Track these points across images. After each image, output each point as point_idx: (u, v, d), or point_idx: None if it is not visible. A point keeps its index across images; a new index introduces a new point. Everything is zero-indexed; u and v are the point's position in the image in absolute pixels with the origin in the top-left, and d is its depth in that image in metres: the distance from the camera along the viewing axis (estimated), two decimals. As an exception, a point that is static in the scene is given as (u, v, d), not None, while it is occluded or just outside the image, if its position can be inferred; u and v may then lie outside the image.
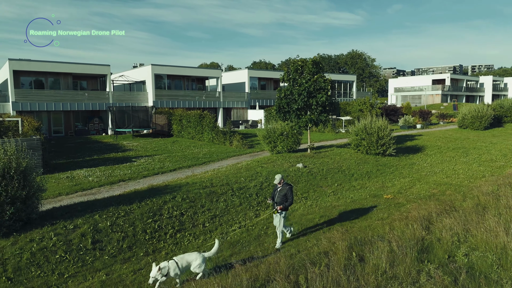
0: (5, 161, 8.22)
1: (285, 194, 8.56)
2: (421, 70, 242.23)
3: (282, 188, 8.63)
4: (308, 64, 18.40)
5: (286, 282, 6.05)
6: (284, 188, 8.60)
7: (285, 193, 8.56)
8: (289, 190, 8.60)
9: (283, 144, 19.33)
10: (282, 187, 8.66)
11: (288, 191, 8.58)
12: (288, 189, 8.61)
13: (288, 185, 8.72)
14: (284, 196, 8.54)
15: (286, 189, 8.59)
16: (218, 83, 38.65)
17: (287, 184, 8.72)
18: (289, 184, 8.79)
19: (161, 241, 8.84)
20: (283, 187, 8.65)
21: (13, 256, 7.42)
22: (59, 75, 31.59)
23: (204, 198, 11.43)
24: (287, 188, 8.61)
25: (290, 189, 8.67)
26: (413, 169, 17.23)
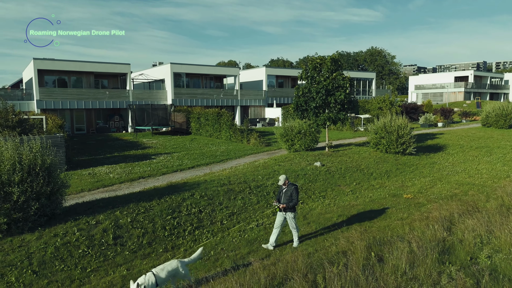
0: (31, 158, 8.50)
1: (290, 194, 8.34)
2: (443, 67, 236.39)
3: (287, 189, 8.43)
4: (326, 62, 18.25)
5: (304, 281, 6.05)
6: (290, 189, 8.40)
7: (290, 193, 8.35)
8: (294, 190, 8.39)
9: (301, 142, 19.26)
10: (287, 188, 8.46)
11: (294, 192, 8.37)
12: (294, 189, 8.40)
13: (293, 185, 8.52)
14: (290, 197, 8.33)
15: (291, 189, 8.39)
16: (236, 81, 38.77)
17: (292, 184, 8.53)
18: (294, 184, 8.60)
19: (180, 238, 8.97)
20: (288, 188, 8.44)
21: (38, 250, 7.68)
22: (81, 74, 32.35)
23: (222, 195, 11.52)
24: (293, 189, 8.40)
25: (296, 189, 8.45)
26: (434, 168, 16.88)
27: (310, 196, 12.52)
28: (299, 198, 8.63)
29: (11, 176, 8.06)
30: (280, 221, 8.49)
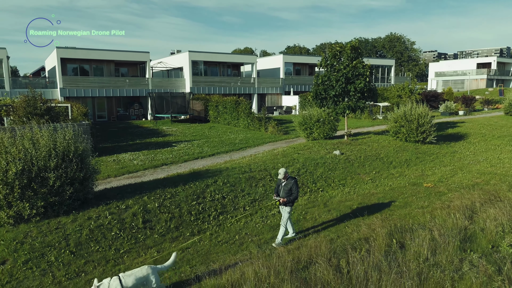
0: (65, 145, 8.93)
1: (290, 188, 8.08)
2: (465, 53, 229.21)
3: (287, 183, 8.16)
4: (346, 49, 18.14)
5: (328, 265, 6.29)
6: (289, 182, 8.14)
7: (290, 187, 8.09)
8: (294, 184, 8.13)
9: (320, 130, 19.33)
10: (287, 181, 8.19)
11: (293, 185, 8.11)
12: (293, 183, 8.14)
13: (293, 178, 8.29)
14: (289, 190, 8.07)
15: (291, 183, 8.13)
16: (253, 69, 38.77)
17: (292, 178, 8.28)
18: (294, 177, 8.37)
19: (205, 223, 9.32)
20: (288, 182, 8.18)
21: (74, 232, 8.14)
22: (102, 62, 32.93)
23: (244, 182, 11.81)
24: (292, 182, 8.14)
25: (295, 182, 8.20)
26: (454, 157, 16.76)
27: (329, 184, 12.69)
28: (299, 192, 8.35)
29: (47, 162, 8.51)
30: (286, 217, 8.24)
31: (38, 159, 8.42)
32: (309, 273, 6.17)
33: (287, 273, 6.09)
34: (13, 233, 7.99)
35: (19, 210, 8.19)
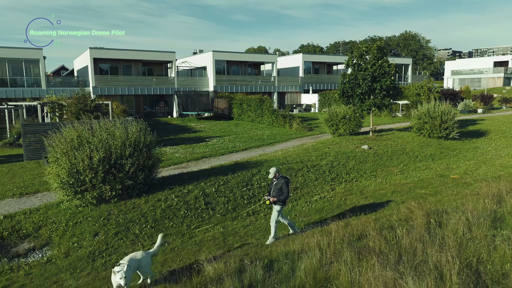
0: (136, 136, 10.18)
1: (280, 187, 8.11)
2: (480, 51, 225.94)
3: (277, 182, 8.19)
4: (373, 49, 19.10)
5: (379, 236, 7.38)
6: (280, 182, 8.16)
7: (280, 186, 8.11)
8: (284, 184, 8.13)
9: (345, 127, 20.34)
10: (277, 180, 8.21)
11: (284, 185, 8.11)
12: (284, 183, 8.14)
13: (284, 178, 8.28)
14: (280, 189, 8.10)
15: (281, 182, 8.14)
16: (274, 68, 39.84)
17: (283, 177, 8.27)
18: (285, 177, 8.35)
19: (248, 209, 10.48)
20: (278, 181, 8.19)
21: (149, 211, 9.39)
22: (130, 61, 34.42)
23: (284, 172, 12.93)
24: (283, 182, 8.15)
25: (286, 182, 8.19)
26: (477, 152, 17.60)
27: (362, 175, 13.73)
28: (289, 192, 8.36)
29: (123, 151, 9.76)
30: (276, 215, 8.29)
31: (116, 148, 9.68)
32: (363, 243, 7.26)
33: (345, 243, 7.19)
34: (97, 211, 9.27)
35: (101, 192, 9.46)
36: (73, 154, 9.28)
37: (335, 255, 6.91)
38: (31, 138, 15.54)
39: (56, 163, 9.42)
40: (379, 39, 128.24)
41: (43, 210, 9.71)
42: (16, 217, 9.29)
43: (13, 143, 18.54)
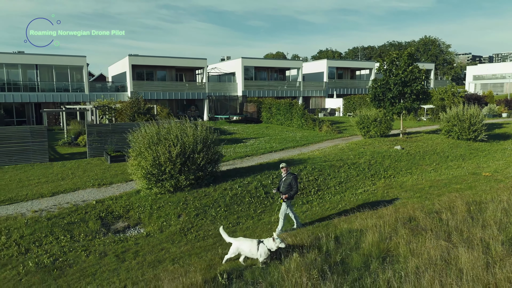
0: (204, 134, 11.67)
1: (289, 183, 8.63)
2: (501, 56, 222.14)
3: (286, 177, 8.70)
4: (404, 56, 20.25)
5: (429, 218, 8.60)
6: (289, 178, 8.68)
7: (289, 182, 8.64)
8: (293, 179, 8.65)
9: (376, 129, 21.48)
10: (286, 176, 8.73)
11: (293, 180, 8.64)
12: (293, 178, 8.66)
13: (292, 174, 8.80)
14: (289, 185, 8.63)
15: (290, 178, 8.67)
16: (299, 73, 41.20)
17: (291, 174, 8.81)
18: (293, 173, 8.88)
19: (309, 196, 11.81)
20: (287, 177, 8.71)
21: (219, 198, 10.84)
22: (165, 68, 36.35)
23: (328, 169, 14.23)
24: (292, 178, 8.68)
25: (295, 178, 8.70)
26: (505, 153, 18.49)
27: (398, 172, 14.89)
28: (298, 188, 8.84)
29: (195, 147, 11.26)
30: (284, 209, 8.95)
31: (189, 144, 11.18)
32: (415, 223, 8.50)
33: (398, 223, 8.44)
34: (175, 197, 10.77)
35: (177, 181, 10.96)
36: (155, 149, 10.82)
37: (392, 232, 8.16)
38: (94, 137, 17.27)
39: (140, 156, 10.97)
40: (398, 44, 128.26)
41: (125, 197, 11.27)
42: (105, 202, 10.88)
43: (71, 142, 20.38)
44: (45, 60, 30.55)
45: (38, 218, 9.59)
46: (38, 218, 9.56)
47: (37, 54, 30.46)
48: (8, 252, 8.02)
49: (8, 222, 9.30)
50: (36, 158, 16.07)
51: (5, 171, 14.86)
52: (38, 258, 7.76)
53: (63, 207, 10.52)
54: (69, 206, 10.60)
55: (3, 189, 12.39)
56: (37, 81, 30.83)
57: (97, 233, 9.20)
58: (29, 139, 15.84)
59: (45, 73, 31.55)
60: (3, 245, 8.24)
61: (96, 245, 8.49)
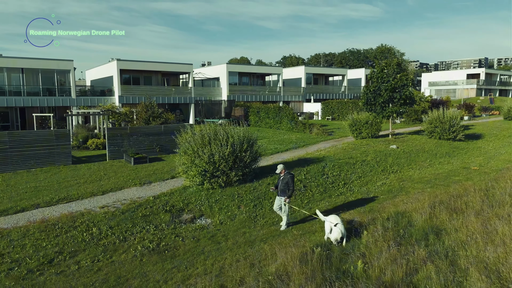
0: (246, 135, 12.87)
1: (286, 182, 9.21)
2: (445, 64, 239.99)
3: (284, 177, 9.30)
4: (393, 65, 22.57)
5: (454, 201, 10.44)
6: (286, 177, 9.26)
7: (286, 181, 9.21)
8: (290, 179, 9.23)
9: (368, 131, 23.60)
10: (284, 176, 9.32)
11: (290, 179, 9.22)
12: (290, 178, 9.24)
13: (289, 174, 9.39)
14: (286, 184, 9.22)
15: (287, 177, 9.23)
16: (280, 79, 43.06)
17: (288, 173, 9.41)
18: (290, 173, 9.50)
19: (339, 189, 13.36)
20: (285, 176, 9.30)
21: (267, 191, 12.08)
22: (151, 72, 36.64)
23: (345, 166, 15.90)
24: (289, 177, 9.25)
25: (292, 177, 9.28)
26: (481, 151, 21.25)
27: (402, 168, 16.89)
28: (295, 187, 9.65)
29: (242, 146, 12.43)
30: (278, 205, 9.66)
31: (237, 144, 12.34)
32: (446, 205, 10.29)
33: (436, 206, 10.19)
34: (227, 192, 11.88)
35: (228, 177, 12.07)
36: (209, 148, 11.87)
37: (432, 212, 9.87)
38: (113, 141, 17.76)
39: (194, 154, 11.95)
40: (357, 51, 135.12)
41: (177, 193, 12.20)
42: (162, 198, 11.75)
43: (80, 146, 20.53)
44: (31, 64, 29.89)
45: (112, 212, 10.33)
46: (112, 213, 10.30)
47: (23, 58, 29.73)
48: (109, 239, 8.78)
49: (87, 217, 9.96)
50: (61, 160, 16.32)
51: (35, 173, 15.06)
52: (141, 244, 8.61)
53: (125, 203, 11.27)
54: (129, 202, 11.36)
55: (48, 189, 12.79)
56: (22, 85, 30.04)
57: (172, 223, 10.12)
58: (54, 142, 16.08)
59: (30, 77, 30.80)
60: (101, 235, 8.96)
61: (182, 232, 9.44)
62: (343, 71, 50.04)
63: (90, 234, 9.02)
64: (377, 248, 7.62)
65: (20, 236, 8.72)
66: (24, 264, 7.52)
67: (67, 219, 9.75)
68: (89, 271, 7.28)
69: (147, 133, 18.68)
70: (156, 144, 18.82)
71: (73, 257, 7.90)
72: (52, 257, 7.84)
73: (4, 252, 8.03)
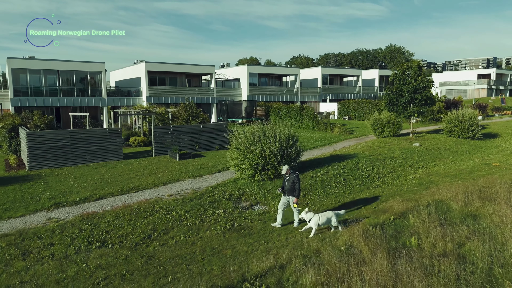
0: (291, 132, 14.27)
1: (293, 181, 9.35)
2: (453, 63, 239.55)
3: (290, 177, 9.46)
4: (414, 67, 23.83)
5: (484, 191, 11.75)
6: (292, 177, 9.39)
7: (293, 180, 9.35)
8: (296, 178, 9.34)
9: (389, 130, 24.87)
10: (289, 176, 9.46)
11: (295, 179, 9.33)
12: (295, 177, 9.35)
13: (295, 173, 9.49)
14: (292, 183, 9.36)
15: (293, 177, 9.36)
16: (297, 80, 44.41)
17: (294, 173, 9.52)
18: (296, 172, 9.60)
19: (374, 182, 14.70)
20: (290, 176, 9.44)
21: (312, 183, 13.47)
22: (176, 74, 38.19)
23: (375, 161, 17.23)
24: (294, 176, 9.37)
25: (297, 177, 9.39)
26: (499, 149, 22.43)
27: (427, 164, 18.16)
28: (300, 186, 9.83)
29: (288, 142, 13.83)
30: (283, 203, 9.86)
31: (283, 141, 13.75)
32: (477, 195, 11.60)
33: (469, 195, 11.50)
34: (276, 183, 13.28)
35: (277, 170, 13.48)
36: (260, 144, 13.30)
37: (467, 201, 11.19)
38: (159, 138, 19.26)
39: (247, 150, 13.38)
40: (366, 51, 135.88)
41: (230, 184, 13.64)
42: (218, 188, 13.20)
43: (122, 143, 22.04)
44: (66, 66, 31.58)
45: (181, 199, 11.80)
46: (182, 199, 11.77)
47: (58, 60, 31.43)
48: (190, 221, 10.24)
49: (161, 203, 11.44)
50: (113, 156, 17.86)
51: (94, 167, 16.61)
52: (218, 224, 10.06)
53: (188, 192, 12.74)
54: (192, 191, 12.83)
55: (114, 181, 14.31)
56: (58, 86, 31.75)
57: (236, 208, 11.56)
58: (108, 139, 17.61)
59: (65, 78, 32.50)
60: (181, 217, 10.44)
61: (248, 216, 10.88)
62: (358, 72, 51.26)
63: (172, 216, 10.48)
64: (425, 228, 8.97)
65: (114, 218, 10.21)
66: (129, 239, 8.99)
67: (146, 205, 11.23)
68: (185, 244, 8.72)
69: (187, 132, 20.16)
70: (196, 142, 20.30)
71: (166, 234, 9.36)
72: (149, 234, 9.31)
73: (108, 229, 9.51)
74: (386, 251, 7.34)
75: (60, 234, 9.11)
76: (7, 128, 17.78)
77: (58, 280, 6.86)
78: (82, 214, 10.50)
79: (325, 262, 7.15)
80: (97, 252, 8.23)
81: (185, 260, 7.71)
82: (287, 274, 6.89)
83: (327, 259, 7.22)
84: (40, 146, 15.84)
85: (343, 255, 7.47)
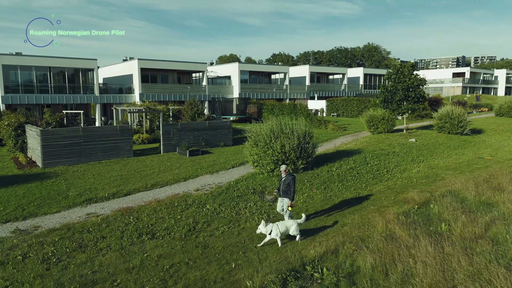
0: (306, 129, 14.88)
1: (288, 183, 9.11)
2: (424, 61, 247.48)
3: (286, 178, 9.19)
4: (407, 66, 24.98)
5: (490, 182, 12.75)
6: (288, 178, 9.15)
7: (288, 182, 9.11)
8: (291, 180, 9.11)
9: (384, 126, 25.94)
10: (286, 177, 9.20)
11: (291, 181, 9.11)
12: (291, 179, 9.12)
13: (291, 175, 9.25)
14: (288, 185, 9.12)
15: (289, 179, 9.14)
16: (286, 77, 45.13)
17: (290, 174, 9.28)
18: (292, 174, 9.36)
19: (384, 175, 15.54)
20: (286, 177, 9.19)
21: (329, 176, 14.12)
22: (167, 71, 38.07)
23: (380, 156, 18.10)
24: (290, 178, 9.14)
25: (293, 179, 9.16)
26: (486, 144, 23.88)
27: (427, 158, 19.22)
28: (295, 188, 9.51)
29: (305, 139, 14.43)
30: (280, 207, 9.64)
31: (301, 137, 14.34)
32: (487, 185, 12.57)
33: (479, 185, 12.45)
34: (297, 177, 13.84)
35: (295, 165, 14.06)
36: (280, 140, 13.83)
37: (478, 189, 12.13)
38: (167, 135, 19.44)
39: (267, 146, 13.88)
40: (345, 49, 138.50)
41: (249, 179, 14.12)
42: (240, 183, 13.65)
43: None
44: (58, 63, 30.96)
45: (209, 193, 12.18)
46: (210, 193, 12.15)
47: (50, 57, 30.76)
48: (226, 213, 10.67)
49: (192, 197, 11.79)
50: (124, 154, 17.93)
51: (107, 164, 16.66)
52: (255, 215, 10.54)
53: (213, 187, 13.13)
54: (216, 186, 13.23)
55: (133, 177, 14.49)
56: (50, 83, 31.08)
57: (263, 202, 12.04)
58: (118, 136, 17.67)
59: (56, 75, 31.85)
60: (215, 210, 10.86)
61: (279, 208, 11.39)
62: (344, 70, 52.56)
63: (207, 209, 10.88)
64: (452, 215, 9.77)
65: (152, 212, 10.50)
66: (176, 231, 9.33)
67: (178, 199, 11.56)
68: (231, 234, 9.16)
69: (194, 129, 20.43)
70: (202, 139, 20.59)
71: (209, 226, 9.75)
72: (193, 226, 9.67)
73: (151, 222, 9.81)
74: (429, 235, 8.06)
75: (107, 228, 9.34)
76: (13, 126, 17.50)
77: (127, 269, 7.16)
78: (119, 209, 10.72)
79: (374, 247, 7.79)
80: (150, 243, 8.54)
81: (239, 248, 8.16)
82: (342, 257, 7.47)
83: (375, 244, 7.86)
84: (53, 144, 15.76)
85: (387, 240, 8.13)
